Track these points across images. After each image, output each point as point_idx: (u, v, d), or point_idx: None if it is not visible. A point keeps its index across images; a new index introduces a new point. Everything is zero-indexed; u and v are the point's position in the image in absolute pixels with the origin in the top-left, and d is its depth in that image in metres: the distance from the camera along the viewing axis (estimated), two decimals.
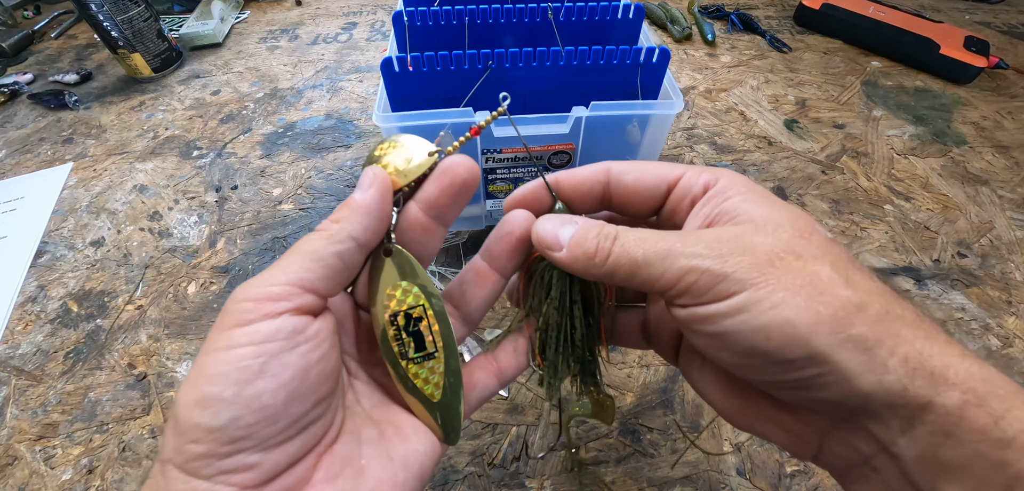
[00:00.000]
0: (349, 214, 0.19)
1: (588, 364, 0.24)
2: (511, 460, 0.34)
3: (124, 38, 0.64)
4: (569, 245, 0.19)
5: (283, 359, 0.16)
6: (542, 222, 0.20)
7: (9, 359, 0.40)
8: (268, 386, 0.15)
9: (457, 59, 0.38)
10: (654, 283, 0.17)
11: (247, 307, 0.16)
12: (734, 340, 0.16)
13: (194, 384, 0.15)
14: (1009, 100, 0.63)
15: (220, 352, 0.15)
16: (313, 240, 0.18)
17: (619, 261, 0.18)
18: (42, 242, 0.49)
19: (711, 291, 0.16)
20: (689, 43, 0.76)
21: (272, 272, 0.17)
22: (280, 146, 0.59)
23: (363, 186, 0.19)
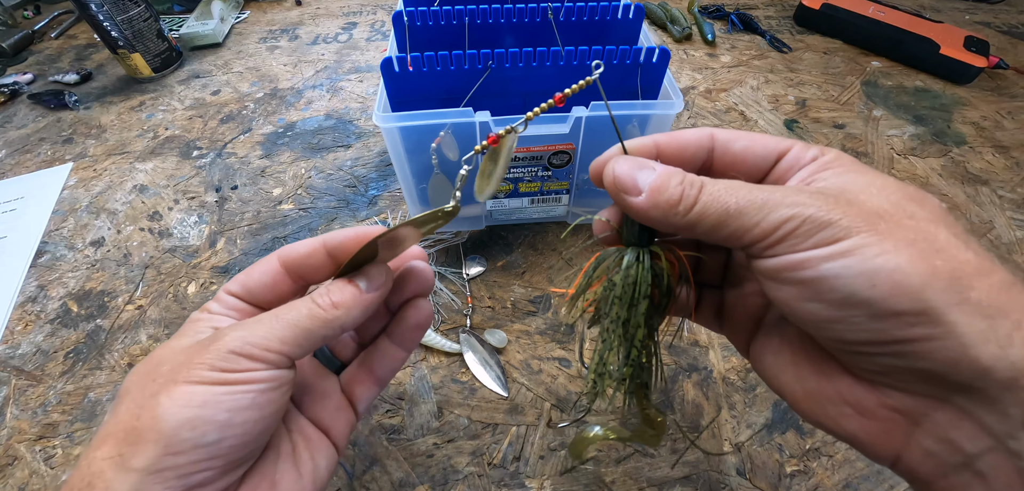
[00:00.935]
0: (350, 306, 0.20)
1: (640, 370, 0.22)
2: (511, 460, 0.34)
3: (124, 38, 0.64)
4: (650, 190, 0.18)
5: (269, 396, 0.19)
6: (619, 162, 0.19)
7: (9, 359, 0.40)
8: (253, 416, 0.18)
9: (457, 59, 0.38)
10: (745, 234, 0.16)
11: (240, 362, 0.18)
12: (832, 286, 0.14)
13: (183, 404, 0.17)
14: (1009, 100, 0.63)
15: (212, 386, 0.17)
16: (310, 319, 0.20)
17: (707, 209, 0.17)
18: (42, 242, 0.49)
19: (812, 238, 0.15)
20: (689, 43, 0.76)
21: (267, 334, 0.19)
22: (280, 146, 0.59)
23: (373, 283, 0.21)
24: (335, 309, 0.20)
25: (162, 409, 0.17)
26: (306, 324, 0.19)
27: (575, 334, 0.40)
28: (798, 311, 0.16)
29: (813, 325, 0.16)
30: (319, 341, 0.20)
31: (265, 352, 0.18)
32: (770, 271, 0.16)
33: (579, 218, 0.49)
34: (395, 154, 0.40)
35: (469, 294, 0.43)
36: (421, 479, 0.33)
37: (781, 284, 0.16)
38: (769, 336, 0.21)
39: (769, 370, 0.20)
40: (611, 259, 0.21)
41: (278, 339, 0.19)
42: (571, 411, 0.36)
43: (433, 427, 0.36)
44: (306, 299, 0.20)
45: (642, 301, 0.20)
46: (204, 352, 0.18)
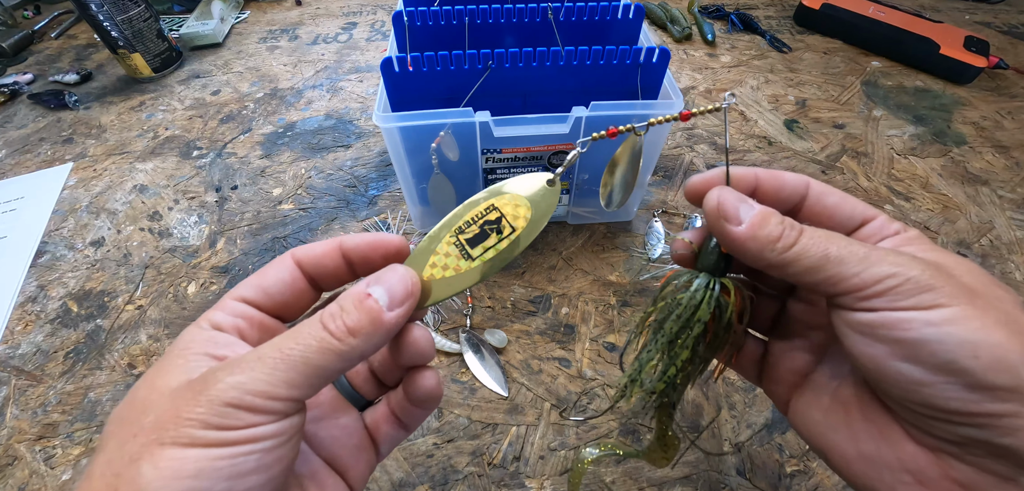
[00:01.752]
0: (369, 332, 0.17)
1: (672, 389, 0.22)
2: (511, 460, 0.34)
3: (124, 38, 0.64)
4: (751, 222, 0.18)
5: (277, 454, 0.16)
6: (724, 190, 0.19)
7: (9, 359, 0.40)
8: (259, 480, 0.15)
9: (457, 59, 0.38)
10: (842, 282, 0.16)
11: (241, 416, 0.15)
12: (933, 350, 0.15)
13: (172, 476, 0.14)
14: (1009, 100, 0.63)
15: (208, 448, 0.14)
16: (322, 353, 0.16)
17: (807, 251, 0.17)
18: (42, 242, 0.49)
19: (913, 298, 0.15)
20: (689, 43, 0.76)
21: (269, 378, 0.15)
22: (280, 146, 0.59)
23: (394, 299, 0.18)
24: (352, 336, 0.17)
25: (145, 481, 0.14)
26: (316, 359, 0.16)
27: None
28: (886, 370, 0.16)
29: (899, 387, 0.16)
30: (333, 376, 0.17)
31: (268, 401, 0.15)
32: (863, 325, 0.16)
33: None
34: (395, 154, 0.40)
35: (469, 294, 0.43)
36: (421, 479, 0.33)
37: (873, 340, 0.16)
38: (818, 395, 0.21)
39: (816, 428, 0.20)
40: (682, 279, 0.21)
41: (284, 382, 0.15)
42: (571, 410, 0.36)
43: (433, 427, 0.36)
44: (314, 323, 0.17)
45: (696, 324, 0.20)
46: (194, 402, 0.15)
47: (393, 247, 0.21)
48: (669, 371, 0.21)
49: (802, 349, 0.22)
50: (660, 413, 0.23)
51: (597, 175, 0.44)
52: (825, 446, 0.20)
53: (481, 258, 0.21)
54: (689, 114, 0.22)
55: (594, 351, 0.40)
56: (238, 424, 0.15)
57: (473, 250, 0.21)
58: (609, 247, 0.47)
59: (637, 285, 0.44)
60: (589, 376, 0.38)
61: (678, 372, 0.21)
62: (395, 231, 0.49)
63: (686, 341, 0.20)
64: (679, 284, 0.21)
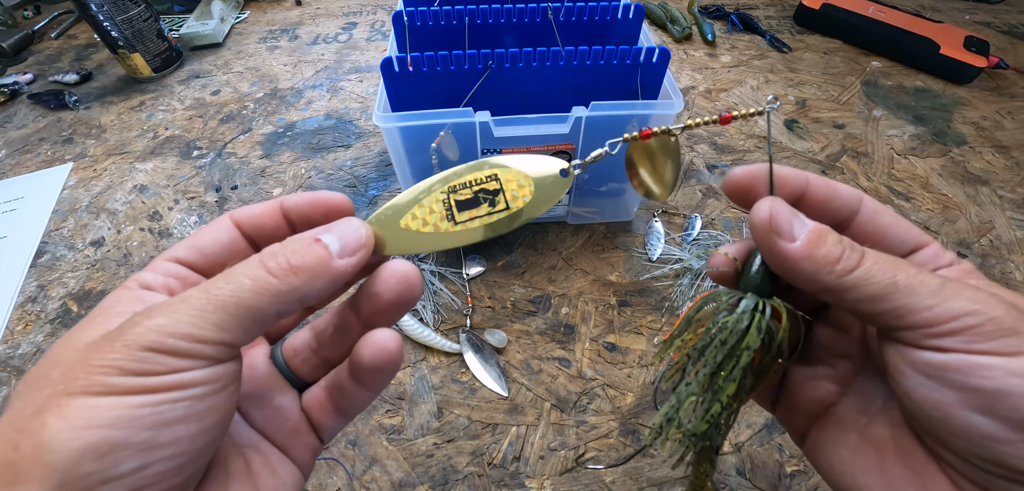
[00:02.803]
0: (313, 272, 0.15)
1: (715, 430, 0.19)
2: (511, 460, 0.34)
3: (124, 38, 0.64)
4: (806, 240, 0.16)
5: (210, 402, 0.14)
6: (777, 202, 0.17)
7: (9, 359, 0.40)
8: (189, 431, 0.13)
9: (457, 59, 0.38)
10: (910, 315, 0.15)
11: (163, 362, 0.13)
12: (1014, 405, 0.13)
13: (83, 425, 0.12)
14: (1009, 100, 0.63)
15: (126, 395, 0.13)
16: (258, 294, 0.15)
17: (873, 277, 0.15)
18: (42, 242, 0.49)
19: (995, 341, 0.14)
20: (689, 43, 0.76)
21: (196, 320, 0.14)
22: (280, 146, 0.59)
23: (346, 247, 0.17)
24: (293, 276, 0.15)
25: (50, 433, 0.12)
26: (249, 299, 0.14)
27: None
28: (953, 419, 0.14)
29: (966, 439, 0.14)
30: (272, 319, 0.15)
31: (195, 344, 0.13)
32: (931, 367, 0.15)
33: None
34: (395, 154, 0.40)
35: (469, 294, 0.43)
36: (421, 479, 0.33)
37: (940, 385, 0.14)
38: (844, 431, 0.19)
39: (842, 468, 0.18)
40: (724, 301, 0.18)
41: (212, 324, 0.14)
42: (586, 455, 0.36)
43: (433, 427, 0.36)
44: (252, 262, 0.15)
45: (744, 353, 0.18)
46: (109, 350, 0.13)
47: (334, 204, 0.19)
48: (713, 408, 0.18)
49: (827, 378, 0.20)
50: (700, 458, 0.20)
51: (598, 176, 0.44)
52: (850, 486, 0.18)
53: (463, 225, 0.19)
54: (730, 117, 0.20)
55: (594, 351, 0.40)
56: (161, 368, 0.13)
57: (459, 214, 0.20)
58: (609, 247, 0.47)
59: (637, 285, 0.44)
60: (589, 376, 0.38)
61: (723, 410, 0.18)
62: None
63: (733, 373, 0.18)
64: (722, 306, 0.18)
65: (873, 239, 0.19)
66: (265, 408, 0.19)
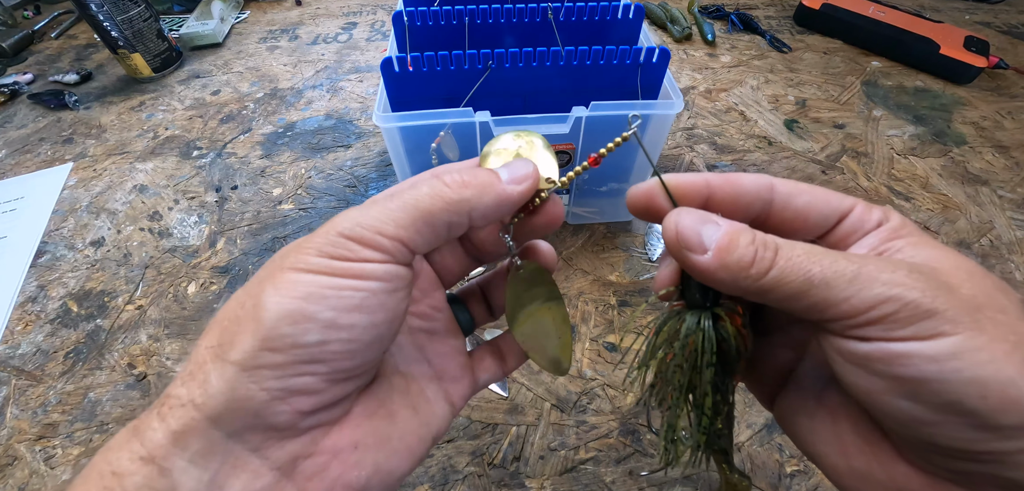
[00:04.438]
0: (480, 192, 0.17)
1: (717, 436, 0.20)
2: (511, 460, 0.34)
3: (124, 38, 0.64)
4: (717, 248, 0.16)
5: (381, 300, 0.16)
6: (681, 215, 0.17)
7: (9, 359, 0.40)
8: (362, 321, 0.15)
9: (457, 59, 0.38)
10: (829, 308, 0.14)
11: (352, 248, 0.15)
12: (934, 390, 0.13)
13: (286, 294, 0.15)
14: (1009, 100, 0.63)
15: (320, 274, 0.15)
16: (432, 198, 0.17)
17: (786, 276, 0.15)
18: (42, 242, 0.49)
19: (912, 326, 0.14)
20: (689, 43, 0.76)
21: (381, 216, 0.16)
22: (280, 146, 0.59)
23: (516, 177, 0.18)
24: (464, 188, 0.17)
25: (265, 297, 0.15)
26: (426, 203, 0.16)
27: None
28: (883, 405, 0.15)
29: (897, 422, 0.15)
30: (443, 230, 0.17)
31: (378, 236, 0.16)
32: (856, 356, 0.15)
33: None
34: (395, 154, 0.40)
35: None
36: (421, 479, 0.33)
37: (868, 373, 0.15)
38: (804, 398, 0.19)
39: (805, 436, 0.19)
40: (671, 325, 0.19)
41: (393, 221, 0.16)
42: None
43: None
44: (429, 177, 0.17)
45: (706, 369, 0.18)
46: (316, 235, 0.16)
47: None
48: (703, 422, 0.19)
49: (783, 345, 0.21)
50: (717, 459, 0.22)
51: (597, 175, 0.44)
52: (814, 456, 0.18)
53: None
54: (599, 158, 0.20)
55: (594, 351, 0.40)
56: (348, 255, 0.15)
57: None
58: (609, 247, 0.47)
59: (637, 285, 0.44)
60: (589, 376, 0.38)
61: (713, 418, 0.19)
62: None
63: (704, 387, 0.18)
64: (670, 332, 0.19)
65: (794, 224, 0.18)
66: (441, 345, 0.22)
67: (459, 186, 0.17)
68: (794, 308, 0.15)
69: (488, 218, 0.18)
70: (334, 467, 0.17)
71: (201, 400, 0.14)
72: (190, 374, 0.15)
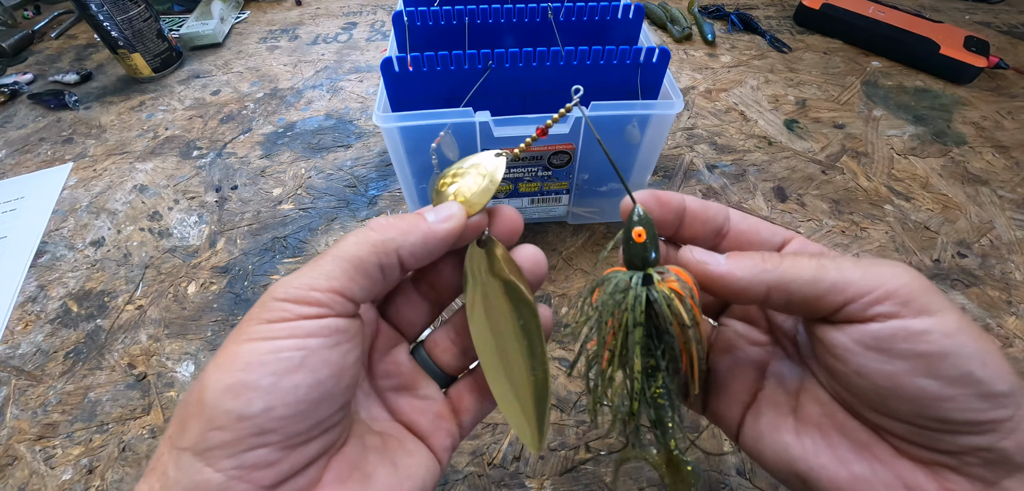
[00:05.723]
0: (405, 232, 0.18)
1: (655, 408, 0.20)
2: (511, 460, 0.34)
3: (124, 38, 0.64)
4: (729, 257, 0.18)
5: (323, 356, 0.16)
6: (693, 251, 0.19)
7: (9, 359, 0.40)
8: (306, 381, 0.15)
9: (457, 59, 0.38)
10: (840, 292, 0.16)
11: (288, 308, 0.16)
12: (954, 362, 0.14)
13: (226, 369, 0.15)
14: (1009, 100, 0.63)
15: (258, 341, 0.15)
16: (358, 245, 0.17)
17: (797, 273, 0.16)
18: (42, 242, 0.49)
19: (915, 303, 0.15)
20: (689, 43, 0.76)
21: (312, 273, 0.16)
22: (280, 146, 0.59)
23: (440, 215, 0.19)
24: (388, 230, 0.17)
25: (207, 377, 0.15)
26: (353, 250, 0.17)
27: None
28: (904, 387, 0.15)
29: (915, 404, 0.15)
30: (376, 273, 0.17)
31: (311, 291, 0.16)
32: (877, 339, 0.15)
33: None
34: (395, 154, 0.40)
35: None
36: None
37: (890, 357, 0.15)
38: (781, 414, 0.19)
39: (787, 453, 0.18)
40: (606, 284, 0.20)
41: (324, 275, 0.16)
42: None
43: None
44: (359, 229, 0.18)
45: (635, 329, 0.18)
46: (256, 307, 0.16)
47: None
48: (635, 387, 0.19)
49: (747, 364, 0.22)
50: (655, 436, 0.21)
51: (597, 175, 0.44)
52: (806, 472, 0.18)
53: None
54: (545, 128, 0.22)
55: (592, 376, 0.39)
56: (285, 315, 0.15)
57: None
58: None
59: None
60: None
61: (645, 386, 0.19)
62: None
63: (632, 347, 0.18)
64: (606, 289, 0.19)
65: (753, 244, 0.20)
66: (411, 399, 0.21)
67: (383, 228, 0.18)
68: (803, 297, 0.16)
69: (418, 256, 0.18)
70: None
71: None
72: (152, 469, 0.15)
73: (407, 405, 0.21)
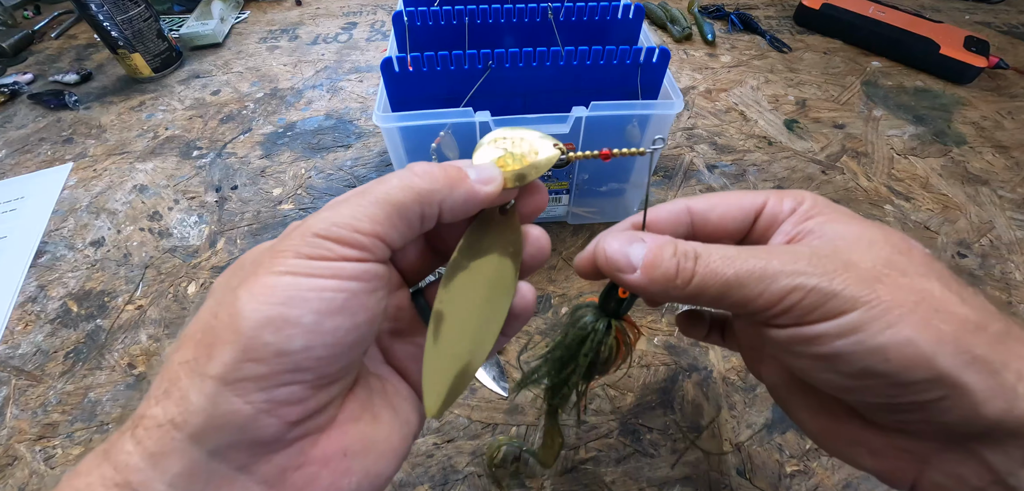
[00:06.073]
0: (450, 186, 0.17)
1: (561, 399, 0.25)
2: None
3: (124, 38, 0.64)
4: (644, 266, 0.17)
5: (362, 300, 0.15)
6: (608, 239, 0.19)
7: (9, 359, 0.40)
8: (345, 324, 0.15)
9: (457, 59, 0.38)
10: (748, 304, 0.16)
11: (329, 247, 0.15)
12: (846, 362, 0.15)
13: (264, 300, 0.14)
14: (1009, 100, 0.63)
15: (300, 277, 0.14)
16: (403, 190, 0.16)
17: (706, 282, 0.17)
18: (42, 242, 0.49)
19: (818, 310, 0.15)
20: (689, 43, 0.76)
21: (356, 213, 0.16)
22: (280, 146, 0.59)
23: (484, 177, 0.18)
24: (434, 180, 0.17)
25: (242, 304, 0.14)
26: (398, 196, 0.16)
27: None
28: (816, 379, 0.17)
29: (832, 390, 0.17)
30: (416, 222, 0.17)
31: (355, 233, 0.15)
32: (781, 342, 0.16)
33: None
34: (395, 154, 0.40)
35: None
36: (421, 479, 0.33)
37: (794, 355, 0.16)
38: (777, 369, 0.21)
39: (779, 396, 0.21)
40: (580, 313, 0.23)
41: (368, 217, 0.16)
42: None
43: (433, 427, 0.36)
44: (402, 170, 0.17)
45: (583, 359, 0.22)
46: (290, 236, 0.15)
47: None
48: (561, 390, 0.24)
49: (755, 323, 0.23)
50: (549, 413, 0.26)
51: (597, 175, 0.44)
52: (793, 418, 0.21)
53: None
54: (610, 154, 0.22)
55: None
56: (327, 254, 0.15)
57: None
58: None
59: None
60: None
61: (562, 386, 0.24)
62: None
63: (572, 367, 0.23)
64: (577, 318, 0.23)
65: (717, 235, 0.21)
66: (406, 344, 0.21)
67: (430, 178, 0.17)
68: (725, 307, 0.17)
69: (457, 213, 0.18)
70: (324, 476, 0.16)
71: (180, 419, 0.13)
72: (165, 392, 0.14)
73: (401, 351, 0.21)
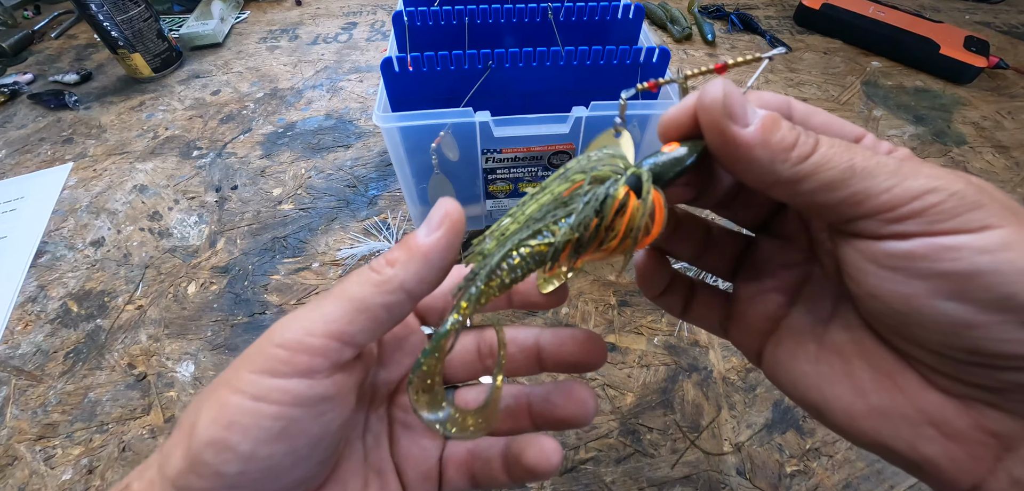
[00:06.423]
0: (405, 260, 0.16)
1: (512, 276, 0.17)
2: None
3: (124, 38, 0.64)
4: (760, 125, 0.14)
5: (303, 426, 0.15)
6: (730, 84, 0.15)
7: (9, 359, 0.40)
8: (281, 449, 0.15)
9: (457, 59, 0.38)
10: (869, 200, 0.13)
11: (282, 356, 0.15)
12: (988, 283, 0.12)
13: (214, 419, 0.15)
14: (1009, 100, 0.63)
15: (246, 399, 0.15)
16: (360, 285, 0.16)
17: (829, 161, 0.14)
18: (42, 242, 0.49)
19: (958, 218, 0.13)
20: (689, 43, 0.76)
21: (312, 316, 0.16)
22: (280, 146, 0.59)
23: (430, 225, 0.17)
24: (388, 265, 0.16)
25: (201, 417, 0.15)
26: (356, 291, 0.16)
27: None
28: (925, 312, 0.13)
29: (940, 331, 0.13)
30: (382, 313, 0.16)
31: (306, 337, 0.15)
32: (896, 256, 0.13)
33: None
34: (395, 154, 0.40)
35: None
36: None
37: (908, 276, 0.13)
38: (801, 343, 0.18)
39: (806, 382, 0.17)
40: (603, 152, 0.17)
41: (323, 319, 0.15)
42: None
43: None
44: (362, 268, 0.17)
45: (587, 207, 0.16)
46: (260, 342, 0.16)
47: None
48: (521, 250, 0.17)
49: (774, 291, 0.19)
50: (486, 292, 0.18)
51: None
52: (820, 402, 0.17)
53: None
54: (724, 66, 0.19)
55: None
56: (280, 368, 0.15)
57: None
58: None
59: (637, 285, 0.44)
60: (589, 376, 0.38)
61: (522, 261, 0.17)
62: (395, 231, 0.49)
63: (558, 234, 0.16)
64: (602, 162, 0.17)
65: None
66: (413, 443, 0.21)
67: (384, 265, 0.16)
68: (827, 201, 0.14)
69: (426, 283, 0.16)
70: None
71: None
72: (145, 467, 0.16)
73: (406, 446, 0.21)
